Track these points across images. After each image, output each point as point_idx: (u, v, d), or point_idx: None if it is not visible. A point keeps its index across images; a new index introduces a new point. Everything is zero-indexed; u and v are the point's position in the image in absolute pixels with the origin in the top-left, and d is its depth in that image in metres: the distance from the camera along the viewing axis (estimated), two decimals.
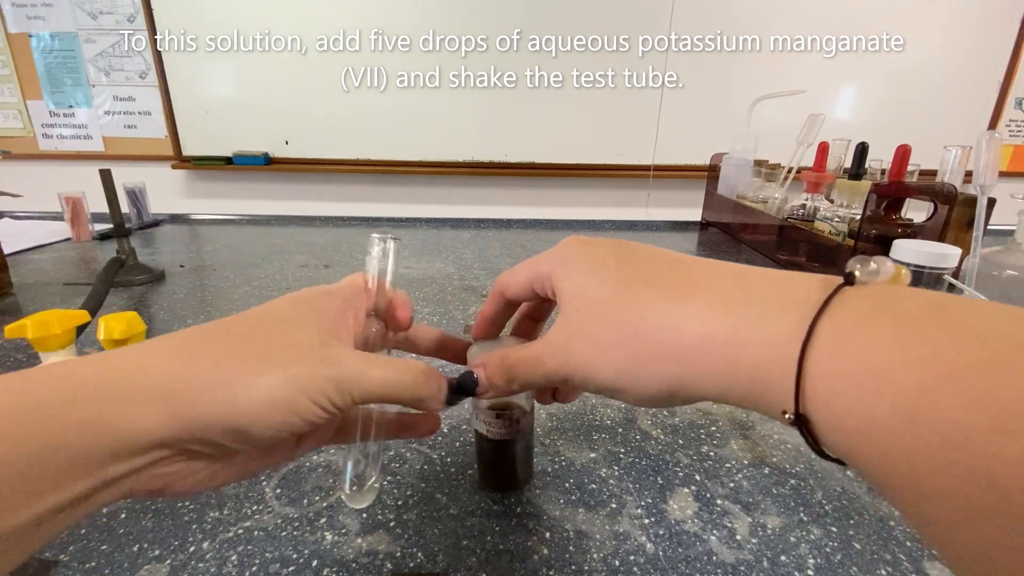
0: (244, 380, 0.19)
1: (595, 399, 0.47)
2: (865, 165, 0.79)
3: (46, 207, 1.20)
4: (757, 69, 2.00)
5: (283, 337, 0.21)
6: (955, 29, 1.96)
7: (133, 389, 0.17)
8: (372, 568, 0.29)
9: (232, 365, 0.19)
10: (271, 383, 0.19)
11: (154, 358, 0.19)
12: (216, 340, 0.20)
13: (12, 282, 0.74)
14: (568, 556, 0.30)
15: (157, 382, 0.18)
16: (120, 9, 1.98)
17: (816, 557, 0.31)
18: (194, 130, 2.13)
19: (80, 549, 0.30)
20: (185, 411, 0.18)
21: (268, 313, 0.22)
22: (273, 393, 0.19)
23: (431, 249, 1.01)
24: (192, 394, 0.18)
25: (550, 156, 2.15)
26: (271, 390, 0.19)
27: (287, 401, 0.19)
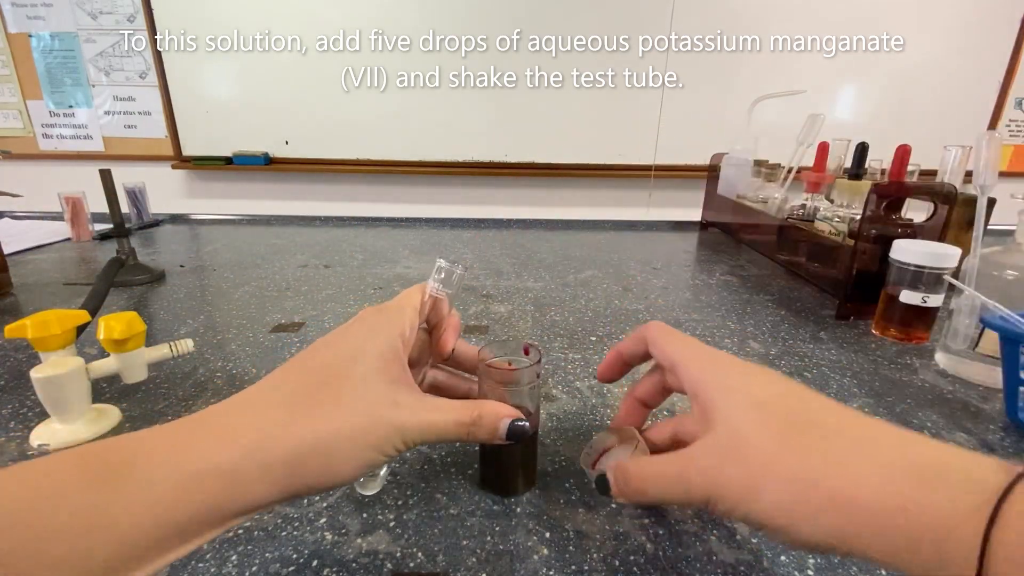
0: (340, 451, 0.22)
1: (595, 399, 0.47)
2: (865, 165, 0.79)
3: (46, 207, 1.20)
4: (757, 69, 2.00)
5: (357, 393, 0.24)
6: (955, 29, 1.96)
7: (255, 471, 0.21)
8: (372, 568, 0.29)
9: (327, 433, 0.22)
10: (359, 450, 0.23)
11: (266, 431, 0.22)
12: (308, 400, 0.23)
13: (12, 282, 0.74)
14: (568, 556, 0.30)
15: (272, 460, 0.21)
16: (120, 9, 1.99)
17: (816, 557, 0.31)
18: (194, 130, 2.13)
19: None
20: (295, 484, 0.22)
21: (339, 358, 0.25)
22: (360, 457, 0.23)
23: (431, 249, 1.01)
24: (300, 469, 0.22)
25: (550, 156, 2.15)
26: (359, 456, 0.23)
27: (368, 461, 0.23)
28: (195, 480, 0.19)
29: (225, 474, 0.20)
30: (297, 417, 0.22)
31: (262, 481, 0.21)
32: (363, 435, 0.23)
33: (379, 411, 0.24)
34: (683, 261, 0.96)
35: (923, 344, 0.60)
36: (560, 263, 0.92)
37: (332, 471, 0.22)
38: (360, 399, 0.23)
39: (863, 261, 0.63)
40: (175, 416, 0.44)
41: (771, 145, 1.11)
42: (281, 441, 0.21)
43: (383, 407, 0.24)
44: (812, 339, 0.61)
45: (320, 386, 0.24)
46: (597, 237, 1.14)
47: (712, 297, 0.76)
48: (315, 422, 0.22)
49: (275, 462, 0.21)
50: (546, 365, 0.54)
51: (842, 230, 0.71)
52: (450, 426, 0.25)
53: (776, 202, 0.90)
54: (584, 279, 0.83)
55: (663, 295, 0.76)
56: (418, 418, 0.24)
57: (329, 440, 0.22)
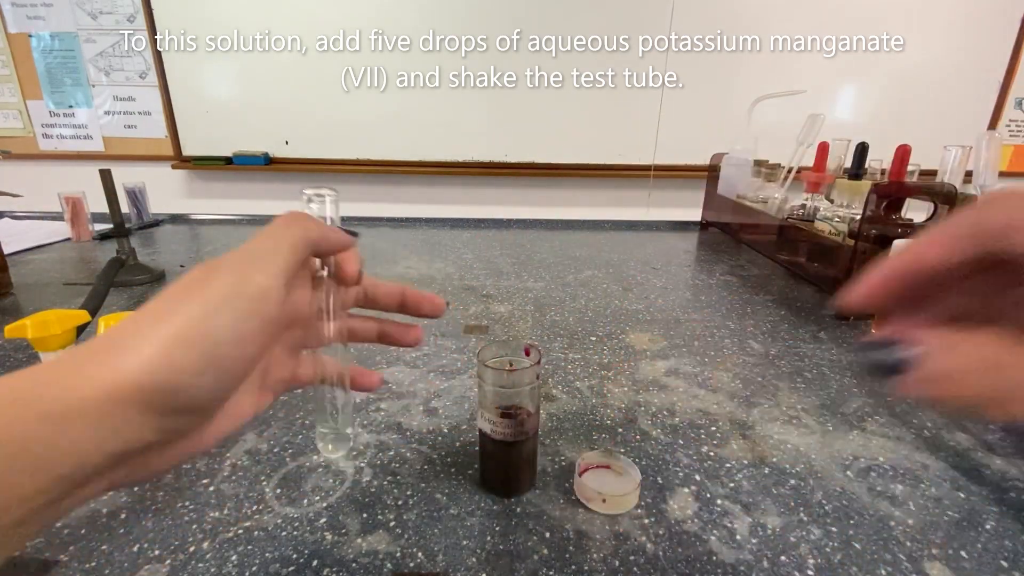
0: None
1: (595, 399, 0.47)
2: (865, 165, 0.79)
3: (46, 207, 1.20)
4: (757, 69, 2.00)
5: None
6: (955, 29, 1.96)
7: (63, 413, 0.17)
8: (372, 568, 0.29)
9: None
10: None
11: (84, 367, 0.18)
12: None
13: (12, 282, 0.74)
14: (568, 556, 0.30)
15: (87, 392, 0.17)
16: (120, 9, 1.98)
17: (816, 557, 0.31)
18: (194, 130, 2.13)
19: (80, 549, 0.30)
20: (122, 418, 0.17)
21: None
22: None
23: (431, 249, 1.01)
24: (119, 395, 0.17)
25: (550, 156, 2.15)
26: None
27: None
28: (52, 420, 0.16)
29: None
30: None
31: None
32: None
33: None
34: (683, 261, 0.96)
35: None
36: (560, 263, 0.92)
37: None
38: None
39: (863, 261, 0.63)
40: None
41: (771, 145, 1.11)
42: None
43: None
44: (812, 339, 0.61)
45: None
46: (597, 237, 1.14)
47: (712, 297, 0.75)
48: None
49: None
50: (546, 365, 0.54)
51: (842, 230, 0.71)
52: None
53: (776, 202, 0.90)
54: (584, 279, 0.83)
55: (663, 295, 0.76)
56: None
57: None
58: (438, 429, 0.43)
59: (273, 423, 0.43)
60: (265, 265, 0.21)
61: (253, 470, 0.37)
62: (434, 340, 0.59)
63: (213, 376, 0.19)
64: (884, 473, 0.38)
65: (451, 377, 0.51)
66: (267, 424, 0.43)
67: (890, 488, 0.37)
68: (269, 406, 0.25)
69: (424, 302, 0.29)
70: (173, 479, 0.36)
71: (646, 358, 0.56)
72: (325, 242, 0.24)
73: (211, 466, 0.38)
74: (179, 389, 0.18)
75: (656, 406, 0.47)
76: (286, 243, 0.22)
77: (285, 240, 0.22)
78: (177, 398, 0.18)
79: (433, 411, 0.45)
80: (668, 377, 0.52)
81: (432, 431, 0.42)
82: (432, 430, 0.42)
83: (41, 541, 0.31)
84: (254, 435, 0.42)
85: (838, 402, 0.48)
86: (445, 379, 0.51)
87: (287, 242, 0.22)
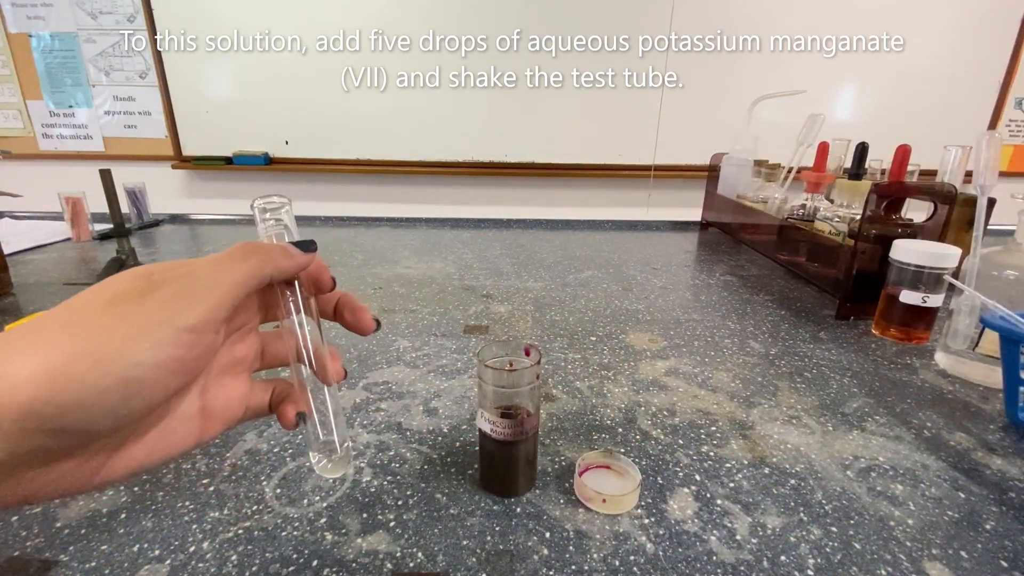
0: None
1: (595, 399, 0.47)
2: (865, 165, 0.79)
3: (46, 207, 1.20)
4: (757, 69, 2.00)
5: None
6: (955, 29, 1.96)
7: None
8: (372, 568, 0.29)
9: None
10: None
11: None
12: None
13: (12, 282, 0.74)
14: (568, 556, 0.30)
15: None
16: (120, 9, 1.98)
17: (816, 557, 0.31)
18: (194, 130, 2.13)
19: (80, 549, 0.30)
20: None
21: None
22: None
23: (431, 249, 1.01)
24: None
25: (550, 156, 2.15)
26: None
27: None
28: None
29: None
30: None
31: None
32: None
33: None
34: (683, 261, 0.96)
35: (923, 344, 0.60)
36: (560, 263, 0.92)
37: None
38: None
39: (863, 261, 0.63)
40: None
41: (771, 145, 1.11)
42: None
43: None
44: (812, 339, 0.61)
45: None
46: (597, 237, 1.14)
47: (712, 297, 0.75)
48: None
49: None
50: (546, 365, 0.54)
51: (842, 230, 0.71)
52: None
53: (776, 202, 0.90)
54: (584, 279, 0.83)
55: (663, 295, 0.76)
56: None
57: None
58: (438, 429, 0.43)
59: (273, 423, 0.43)
60: (205, 298, 0.19)
61: (253, 470, 0.37)
62: (434, 340, 0.59)
63: (120, 397, 0.17)
64: (884, 473, 0.38)
65: (451, 377, 0.51)
66: (267, 424, 0.43)
67: (890, 488, 0.37)
68: (218, 435, 0.23)
69: (347, 309, 0.26)
70: (173, 479, 0.36)
71: (646, 358, 0.56)
72: (281, 274, 0.23)
73: (211, 466, 0.38)
74: (77, 403, 0.16)
75: (656, 406, 0.47)
76: (233, 278, 0.21)
77: (234, 274, 0.21)
78: (69, 413, 0.16)
79: (433, 411, 0.45)
80: (668, 377, 0.52)
81: (432, 431, 0.42)
82: (432, 430, 0.42)
83: (41, 541, 0.31)
84: (254, 435, 0.42)
85: (838, 402, 0.48)
86: (445, 379, 0.51)
87: (234, 278, 0.21)
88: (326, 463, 0.24)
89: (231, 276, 0.21)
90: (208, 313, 0.19)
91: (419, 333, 0.61)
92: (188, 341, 0.19)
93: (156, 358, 0.18)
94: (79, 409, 0.16)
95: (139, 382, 0.17)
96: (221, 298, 0.20)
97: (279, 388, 0.26)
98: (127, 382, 0.17)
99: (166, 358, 0.18)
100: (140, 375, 0.17)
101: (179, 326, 0.18)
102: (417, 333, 0.61)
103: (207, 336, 0.20)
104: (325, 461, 0.24)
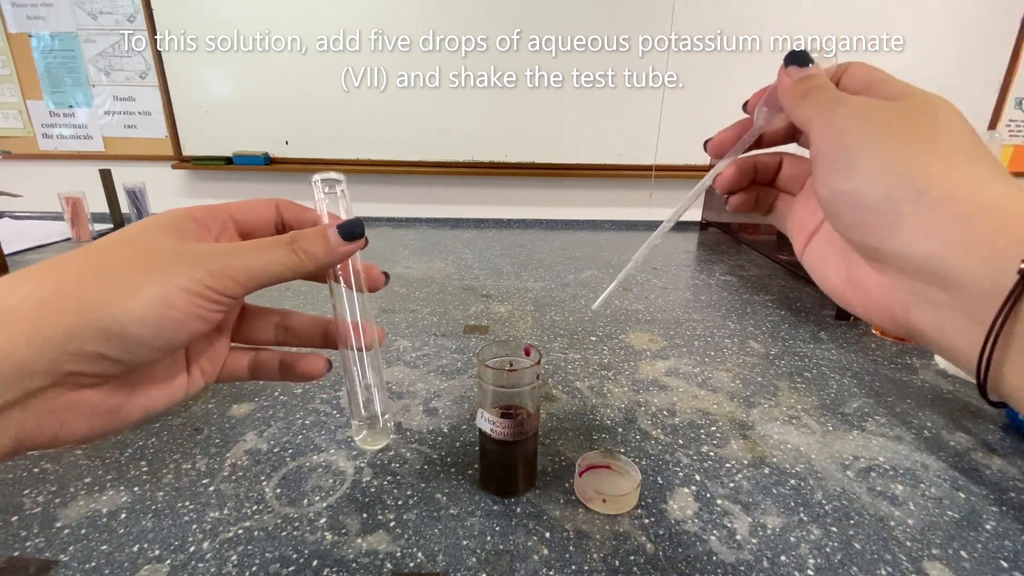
0: (111, 282, 0.18)
1: (595, 399, 0.47)
2: None
3: (46, 207, 1.20)
4: (757, 69, 2.00)
5: (144, 246, 0.20)
6: (955, 29, 1.96)
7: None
8: (372, 568, 0.29)
9: (95, 274, 0.18)
10: (138, 277, 0.19)
11: (3, 285, 0.18)
12: (70, 262, 0.19)
13: None
14: (568, 556, 0.30)
15: (12, 301, 0.17)
16: (120, 9, 1.98)
17: (816, 557, 0.31)
18: (194, 130, 2.13)
19: (80, 549, 0.30)
20: (48, 320, 0.17)
21: (119, 234, 0.21)
22: (143, 287, 0.18)
23: (431, 249, 1.01)
24: (52, 305, 0.17)
25: (550, 156, 2.15)
26: (140, 284, 0.18)
27: (160, 295, 0.18)
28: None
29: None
30: (49, 273, 0.18)
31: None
32: (148, 265, 0.19)
33: (175, 252, 0.20)
34: (683, 261, 0.96)
35: None
36: (560, 263, 0.92)
37: (106, 308, 0.18)
38: (152, 249, 0.20)
39: None
40: (172, 415, 0.44)
41: None
42: (20, 288, 0.18)
43: (180, 248, 0.20)
44: (812, 339, 0.61)
45: (87, 255, 0.20)
46: (597, 237, 1.14)
47: (712, 297, 0.75)
48: (77, 270, 0.19)
49: (15, 305, 0.17)
50: (546, 365, 0.54)
51: None
52: (268, 245, 0.22)
53: None
54: (584, 279, 0.83)
55: (663, 295, 0.76)
56: (227, 249, 0.21)
57: (97, 274, 0.18)
58: (438, 429, 0.43)
59: (273, 423, 0.43)
60: (245, 269, 0.20)
61: (253, 470, 0.37)
62: (434, 340, 0.59)
63: (153, 331, 0.19)
64: (884, 473, 0.38)
65: (451, 377, 0.51)
66: (267, 424, 0.43)
67: (890, 488, 0.37)
68: (199, 390, 0.24)
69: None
70: (173, 479, 0.36)
71: (646, 358, 0.56)
72: (320, 270, 0.23)
73: (211, 466, 0.38)
74: (118, 332, 0.18)
75: (656, 406, 0.47)
76: (274, 268, 0.21)
77: (276, 265, 0.21)
78: (109, 340, 0.18)
79: (433, 411, 0.45)
80: (668, 377, 0.52)
81: (432, 431, 0.42)
82: (432, 430, 0.42)
83: (41, 541, 0.31)
84: (254, 435, 0.42)
85: (838, 402, 0.48)
86: (445, 379, 0.51)
87: (274, 268, 0.21)
88: (367, 435, 0.25)
89: (272, 267, 0.21)
90: (239, 287, 0.21)
91: (419, 333, 0.61)
92: (217, 303, 0.20)
93: (189, 306, 0.19)
94: (118, 338, 0.18)
95: (173, 321, 0.19)
96: (260, 278, 0.21)
97: (263, 357, 0.26)
98: (163, 320, 0.19)
99: (197, 312, 0.20)
100: (174, 316, 0.19)
101: (216, 288, 0.20)
102: (417, 333, 0.61)
103: (236, 301, 0.21)
104: (366, 432, 0.25)
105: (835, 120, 0.20)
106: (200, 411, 0.45)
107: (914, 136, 0.18)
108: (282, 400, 0.47)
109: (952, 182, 0.17)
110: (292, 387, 0.49)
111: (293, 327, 0.27)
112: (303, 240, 0.22)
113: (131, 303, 0.18)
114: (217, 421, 0.43)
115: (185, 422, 0.43)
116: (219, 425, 0.43)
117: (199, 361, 0.24)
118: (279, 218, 0.25)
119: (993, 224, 0.16)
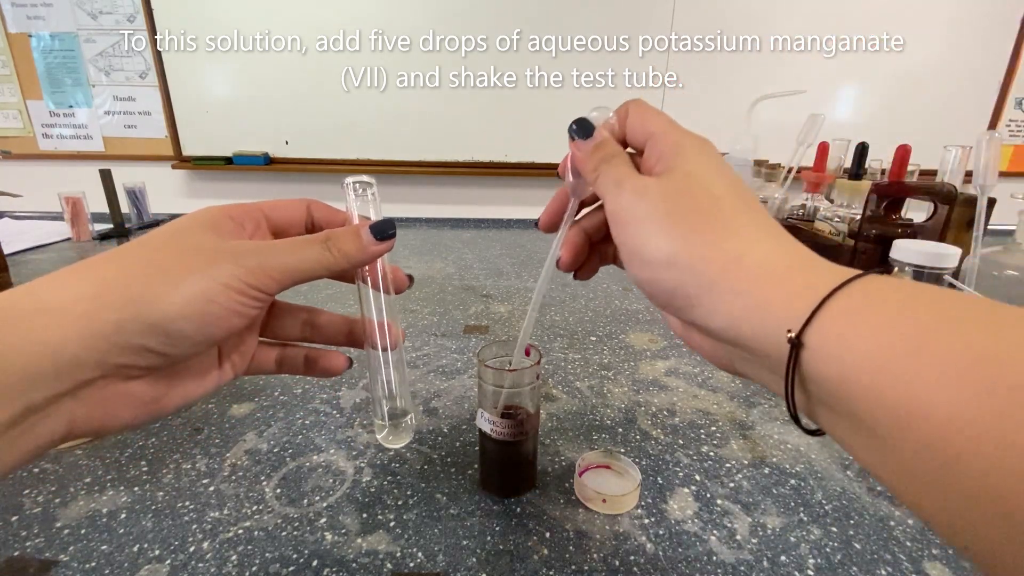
0: (155, 278, 0.19)
1: (595, 399, 0.47)
2: (865, 165, 0.79)
3: (46, 207, 1.20)
4: (757, 69, 2.00)
5: (185, 244, 0.21)
6: (955, 29, 1.96)
7: (38, 309, 0.17)
8: (372, 568, 0.29)
9: (140, 271, 0.19)
10: (181, 273, 0.19)
11: (54, 282, 0.19)
12: (114, 259, 0.20)
13: (12, 282, 0.74)
14: (568, 556, 0.30)
15: (63, 297, 0.18)
16: (120, 9, 1.98)
17: (816, 557, 0.31)
18: (194, 130, 2.13)
19: (80, 549, 0.30)
20: (98, 316, 0.18)
21: (159, 232, 0.22)
22: (186, 283, 0.19)
23: (431, 249, 1.01)
24: (101, 302, 0.18)
25: (550, 156, 2.15)
26: (183, 281, 0.19)
27: (202, 291, 0.19)
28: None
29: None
30: (96, 270, 0.19)
31: (46, 319, 0.17)
32: (191, 262, 0.20)
33: (216, 248, 0.21)
34: None
35: None
36: None
37: (151, 304, 0.19)
38: (194, 247, 0.21)
39: (863, 261, 0.63)
40: (173, 415, 0.44)
41: (771, 145, 1.11)
42: (71, 286, 0.18)
43: (220, 245, 0.21)
44: None
45: (130, 252, 0.20)
46: None
47: None
48: (123, 267, 0.19)
49: (66, 301, 0.18)
50: (546, 365, 0.54)
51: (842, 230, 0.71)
52: (302, 243, 0.23)
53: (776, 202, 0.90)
54: None
55: None
56: (264, 247, 0.22)
57: (142, 271, 0.19)
58: (438, 429, 0.43)
59: (273, 423, 0.43)
60: (281, 266, 0.21)
61: (253, 470, 0.37)
62: (434, 340, 0.59)
63: (196, 326, 0.20)
64: None
65: (451, 377, 0.51)
66: (267, 424, 0.43)
67: None
68: (229, 382, 0.25)
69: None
70: (173, 479, 0.36)
71: (646, 358, 0.56)
72: (352, 268, 0.25)
73: (211, 466, 0.38)
74: (163, 326, 0.19)
75: (656, 406, 0.47)
76: (307, 265, 0.22)
77: (309, 262, 0.22)
78: (155, 334, 0.19)
79: (433, 411, 0.45)
80: (668, 377, 0.52)
81: (432, 431, 0.42)
82: (432, 430, 0.42)
83: (41, 541, 0.31)
84: (254, 435, 0.42)
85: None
86: (445, 379, 0.51)
87: (307, 265, 0.22)
88: (388, 433, 0.26)
89: (307, 264, 0.22)
90: (281, 282, 0.22)
91: (419, 333, 0.61)
92: (256, 298, 0.21)
93: (228, 302, 0.20)
94: (163, 332, 0.19)
95: (213, 316, 0.20)
96: (295, 275, 0.22)
97: (290, 352, 0.27)
98: (204, 315, 0.20)
99: (237, 308, 0.21)
100: (215, 311, 0.20)
101: (253, 285, 0.21)
102: (417, 333, 0.61)
103: (271, 297, 0.22)
104: (388, 430, 0.26)
105: (622, 203, 0.22)
106: (200, 411, 0.45)
107: (683, 220, 0.20)
108: (282, 400, 0.47)
109: (725, 261, 0.19)
110: (292, 387, 0.49)
111: (319, 324, 0.28)
112: (337, 239, 0.23)
113: (175, 298, 0.19)
114: (217, 421, 0.43)
115: (185, 422, 0.43)
116: (219, 425, 0.43)
117: (231, 355, 0.25)
118: (310, 218, 0.26)
119: (758, 298, 0.18)
